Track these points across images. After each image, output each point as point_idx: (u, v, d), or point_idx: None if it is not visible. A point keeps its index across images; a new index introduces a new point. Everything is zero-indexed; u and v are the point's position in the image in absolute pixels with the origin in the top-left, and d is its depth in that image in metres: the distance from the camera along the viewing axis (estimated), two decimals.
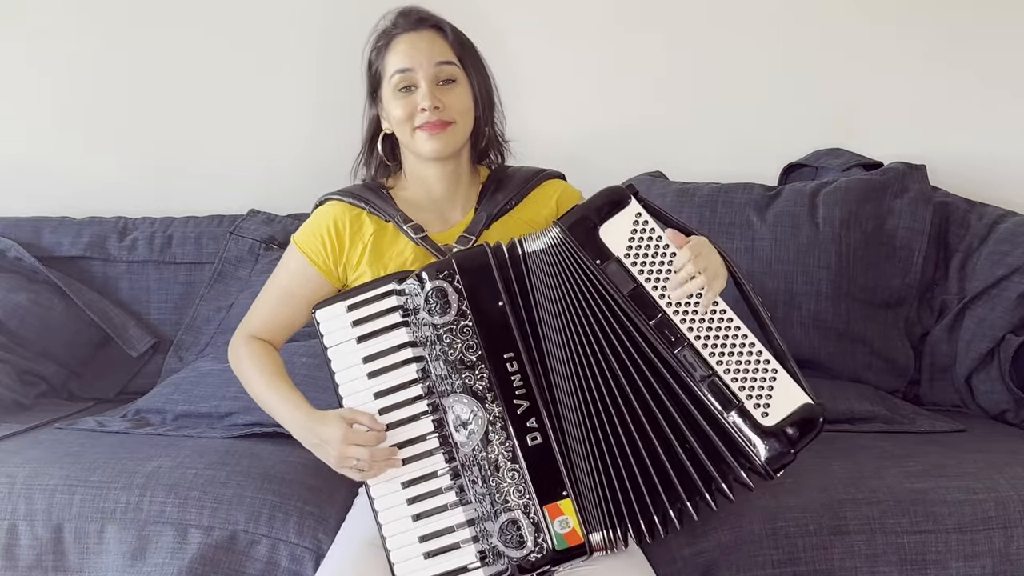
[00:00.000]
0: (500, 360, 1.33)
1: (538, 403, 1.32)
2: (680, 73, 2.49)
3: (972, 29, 2.45)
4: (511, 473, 1.31)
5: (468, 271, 1.36)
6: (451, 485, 1.34)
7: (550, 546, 1.29)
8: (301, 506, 1.61)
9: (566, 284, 1.35)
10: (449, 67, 1.51)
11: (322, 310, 1.42)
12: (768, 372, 1.29)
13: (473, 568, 1.32)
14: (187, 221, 2.41)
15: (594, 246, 1.34)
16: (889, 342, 2.18)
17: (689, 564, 1.54)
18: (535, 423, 1.32)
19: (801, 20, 2.47)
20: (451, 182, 1.58)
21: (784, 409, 1.28)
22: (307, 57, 2.50)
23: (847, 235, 2.17)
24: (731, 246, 2.17)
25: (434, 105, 1.48)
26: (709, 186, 2.27)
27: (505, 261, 1.38)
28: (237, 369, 1.57)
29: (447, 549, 1.32)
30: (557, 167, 1.68)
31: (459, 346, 1.34)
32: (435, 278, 1.36)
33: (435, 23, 1.55)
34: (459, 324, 1.35)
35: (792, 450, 1.27)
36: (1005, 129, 2.46)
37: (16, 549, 1.62)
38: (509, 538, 1.30)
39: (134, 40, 2.51)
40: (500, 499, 1.31)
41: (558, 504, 1.30)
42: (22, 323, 2.24)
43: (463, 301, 1.35)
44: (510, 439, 1.31)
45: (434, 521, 1.34)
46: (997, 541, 1.57)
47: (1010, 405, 2.10)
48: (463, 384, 1.33)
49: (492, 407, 1.32)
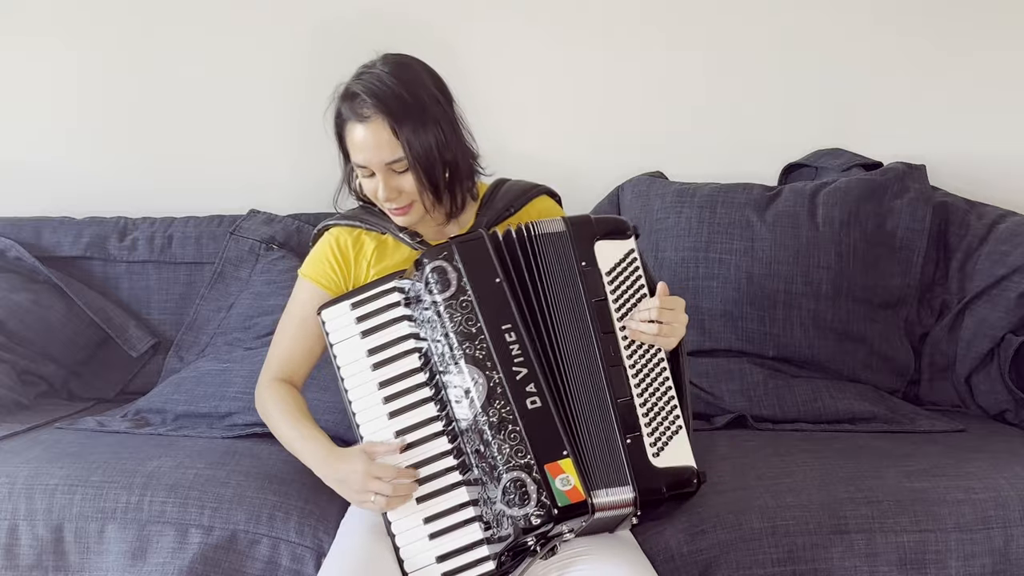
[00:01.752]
0: (499, 331, 1.40)
1: (536, 371, 1.39)
2: (680, 73, 2.49)
3: (972, 29, 2.45)
4: (512, 435, 1.35)
5: (465, 251, 1.44)
6: (454, 465, 1.40)
7: (552, 503, 1.31)
8: (302, 505, 1.61)
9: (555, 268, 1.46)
10: (397, 163, 1.52)
11: (327, 310, 1.50)
12: (674, 427, 1.42)
13: (479, 544, 1.36)
14: (187, 221, 2.41)
15: (586, 251, 1.47)
16: (889, 342, 2.18)
17: (688, 562, 1.54)
18: (533, 388, 1.38)
19: (801, 20, 2.47)
20: (434, 221, 1.63)
21: (673, 460, 1.40)
22: (308, 57, 2.50)
23: (847, 235, 2.17)
24: (731, 246, 2.17)
25: (389, 197, 1.54)
26: (709, 186, 2.27)
27: (501, 244, 1.47)
28: (263, 413, 1.59)
29: (452, 528, 1.38)
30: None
31: (460, 319, 1.41)
32: (435, 259, 1.44)
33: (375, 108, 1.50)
34: (459, 299, 1.42)
35: (664, 491, 1.38)
36: (1005, 129, 2.46)
37: (16, 549, 1.62)
38: (512, 498, 1.32)
39: (134, 40, 2.51)
40: (502, 460, 1.34)
41: (558, 463, 1.34)
42: (22, 323, 2.24)
43: (462, 278, 1.42)
44: (509, 404, 1.36)
45: (440, 502, 1.39)
46: (996, 540, 1.58)
47: (1010, 405, 2.11)
48: (464, 354, 1.39)
49: (492, 374, 1.38)
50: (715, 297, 2.17)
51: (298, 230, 2.36)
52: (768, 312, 2.15)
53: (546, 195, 1.71)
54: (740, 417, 2.02)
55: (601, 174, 2.43)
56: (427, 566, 1.37)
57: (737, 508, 1.58)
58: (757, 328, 2.15)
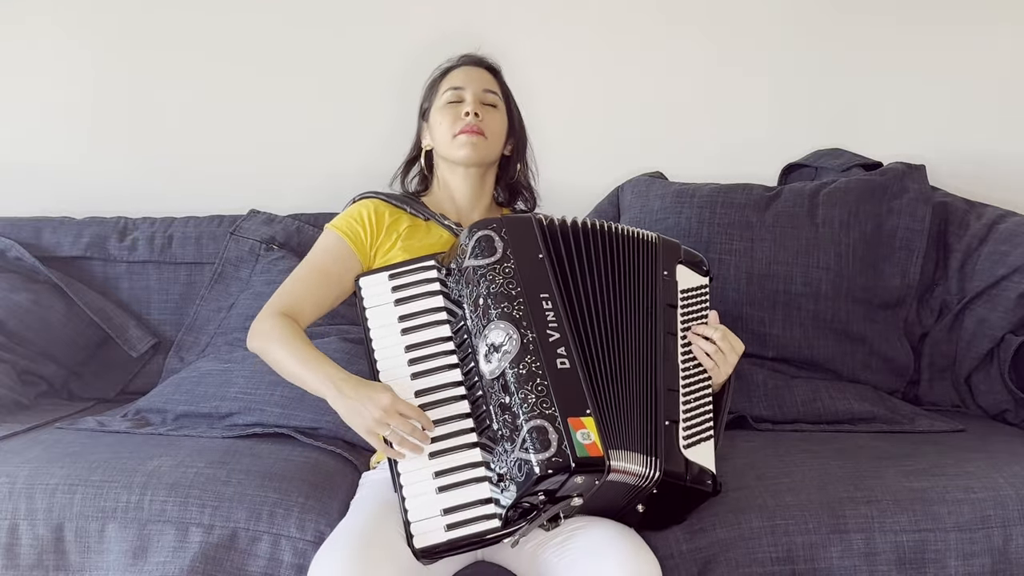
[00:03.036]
0: (537, 298, 1.46)
1: (568, 337, 1.44)
2: (680, 73, 2.50)
3: (972, 29, 2.46)
4: (540, 388, 1.38)
5: (513, 226, 1.53)
6: (472, 427, 1.43)
7: (571, 452, 1.33)
8: (303, 501, 1.61)
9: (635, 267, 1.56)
10: (493, 96, 1.76)
11: (365, 279, 1.57)
12: (706, 432, 1.51)
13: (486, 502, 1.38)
14: (187, 221, 2.41)
15: (670, 265, 1.60)
16: (888, 342, 2.19)
17: (687, 560, 1.54)
18: (564, 351, 1.42)
19: (801, 20, 2.47)
20: (475, 194, 1.77)
21: (698, 458, 1.47)
22: (308, 57, 2.50)
23: (847, 235, 2.17)
24: (731, 246, 2.18)
25: (475, 112, 1.70)
26: (709, 186, 2.27)
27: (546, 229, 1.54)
28: (258, 342, 1.59)
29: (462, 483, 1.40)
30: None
31: (501, 281, 1.47)
32: (485, 228, 1.52)
33: (491, 65, 1.82)
34: (502, 265, 1.49)
35: (686, 478, 1.44)
36: (1004, 129, 2.47)
37: (17, 548, 1.62)
38: (532, 444, 1.34)
39: (134, 40, 2.51)
40: (527, 410, 1.36)
41: (581, 419, 1.37)
42: (22, 323, 2.24)
43: (508, 248, 1.50)
44: (540, 360, 1.40)
45: (452, 459, 1.42)
46: (996, 540, 1.58)
47: (1010, 405, 2.11)
48: (501, 311, 1.44)
49: (526, 332, 1.42)
50: (715, 297, 2.12)
51: (298, 230, 2.36)
52: (768, 312, 2.15)
53: None
54: (740, 417, 2.02)
55: (601, 174, 2.43)
56: (431, 517, 1.38)
57: (736, 507, 1.58)
58: (757, 328, 2.15)
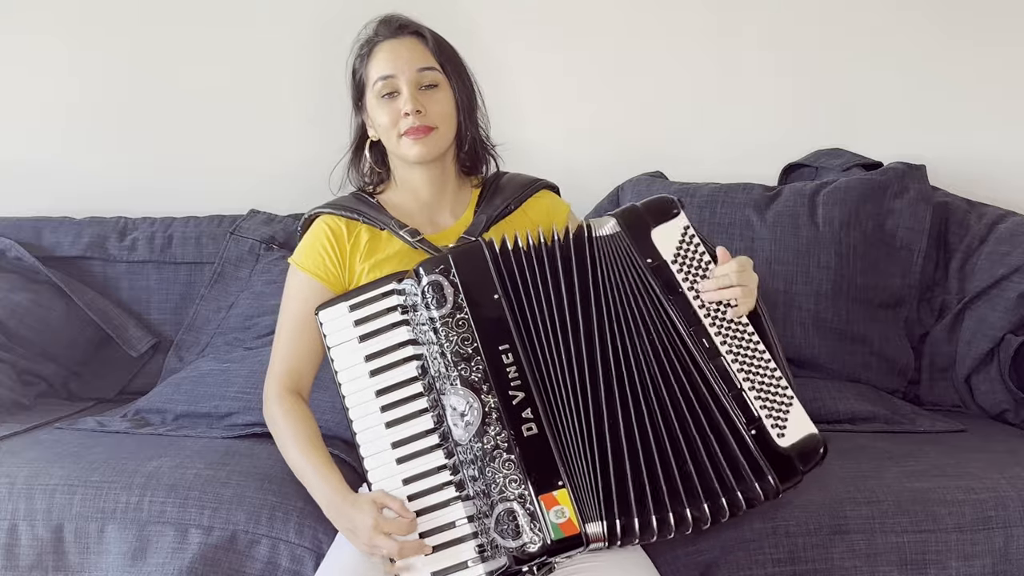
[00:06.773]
0: (495, 352, 1.34)
1: (533, 394, 1.33)
2: (680, 73, 2.50)
3: (972, 29, 2.45)
4: (507, 464, 1.31)
5: (463, 265, 1.39)
6: (450, 480, 1.34)
7: (546, 536, 1.28)
8: (301, 506, 1.61)
9: (613, 275, 1.39)
10: (430, 72, 1.53)
11: (325, 311, 1.44)
12: (786, 398, 1.36)
13: (472, 564, 1.31)
14: (187, 221, 2.41)
15: (647, 246, 1.40)
16: (889, 342, 2.18)
17: (689, 562, 1.54)
18: (530, 414, 1.32)
19: (800, 20, 2.47)
20: (438, 186, 1.61)
21: (797, 433, 1.34)
22: (308, 57, 2.50)
23: (847, 235, 2.17)
24: (731, 246, 2.14)
25: (416, 109, 1.50)
26: (709, 186, 2.27)
27: (499, 256, 1.40)
28: (272, 429, 1.53)
29: (446, 545, 1.32)
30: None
31: (455, 338, 1.35)
32: (431, 273, 1.39)
33: (415, 29, 1.57)
34: (455, 317, 1.36)
35: (801, 471, 1.33)
36: (1004, 129, 2.46)
37: (16, 549, 1.62)
38: (505, 528, 1.29)
39: (135, 39, 2.51)
40: (496, 490, 1.30)
41: (554, 494, 1.29)
42: (22, 323, 2.24)
43: (459, 295, 1.37)
44: (505, 429, 1.31)
45: (434, 518, 1.33)
46: (997, 540, 1.58)
47: (1010, 405, 2.11)
48: (459, 376, 1.34)
49: (487, 398, 1.33)
50: None
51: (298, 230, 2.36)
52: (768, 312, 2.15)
53: (547, 189, 1.66)
54: None
55: (601, 174, 2.43)
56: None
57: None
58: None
